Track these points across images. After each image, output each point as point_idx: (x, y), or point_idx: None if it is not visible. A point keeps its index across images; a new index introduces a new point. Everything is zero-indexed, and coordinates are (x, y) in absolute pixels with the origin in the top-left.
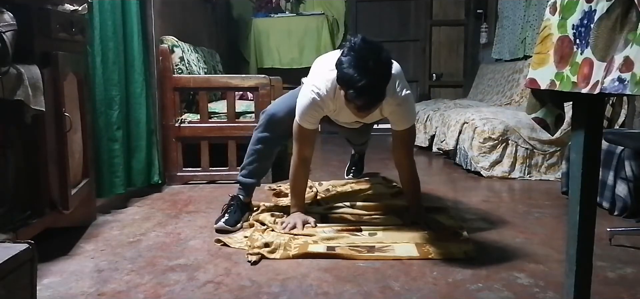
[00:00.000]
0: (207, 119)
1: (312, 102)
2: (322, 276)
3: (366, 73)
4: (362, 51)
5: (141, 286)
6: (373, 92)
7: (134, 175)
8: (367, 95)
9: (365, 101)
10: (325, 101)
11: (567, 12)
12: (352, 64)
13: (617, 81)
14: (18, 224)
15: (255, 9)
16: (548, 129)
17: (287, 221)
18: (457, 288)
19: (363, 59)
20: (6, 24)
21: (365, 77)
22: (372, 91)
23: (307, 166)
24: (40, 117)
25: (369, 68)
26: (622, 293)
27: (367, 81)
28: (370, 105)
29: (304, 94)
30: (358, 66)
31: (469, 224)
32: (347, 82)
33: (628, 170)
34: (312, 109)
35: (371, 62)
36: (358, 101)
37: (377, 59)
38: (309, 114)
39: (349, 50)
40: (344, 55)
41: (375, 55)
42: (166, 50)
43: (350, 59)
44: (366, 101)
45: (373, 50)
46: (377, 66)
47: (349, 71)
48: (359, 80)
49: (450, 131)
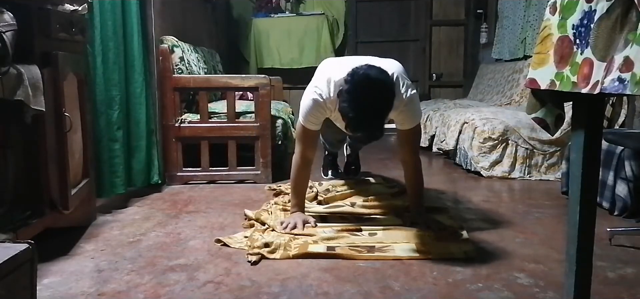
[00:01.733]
0: (207, 119)
1: (315, 103)
2: (322, 276)
3: (366, 110)
4: (364, 87)
5: (141, 286)
6: (372, 128)
7: (134, 175)
8: (365, 130)
9: (364, 135)
10: (327, 103)
11: (567, 12)
12: (353, 99)
13: (617, 81)
14: (18, 224)
15: (255, 9)
16: (548, 129)
17: (287, 221)
18: (457, 288)
19: (365, 96)
20: (6, 24)
21: (364, 114)
22: (370, 127)
23: (309, 166)
24: (40, 117)
25: (369, 104)
26: (622, 293)
27: (366, 121)
28: (369, 138)
29: (307, 96)
30: (358, 101)
31: (469, 224)
32: (347, 115)
33: (628, 170)
34: (315, 109)
35: (372, 100)
36: (357, 133)
37: (377, 94)
38: (312, 115)
39: (352, 82)
40: (346, 91)
41: (376, 90)
42: (166, 50)
43: (351, 94)
44: (365, 135)
45: (374, 84)
46: (377, 102)
47: (350, 105)
48: (359, 118)
49: (450, 131)
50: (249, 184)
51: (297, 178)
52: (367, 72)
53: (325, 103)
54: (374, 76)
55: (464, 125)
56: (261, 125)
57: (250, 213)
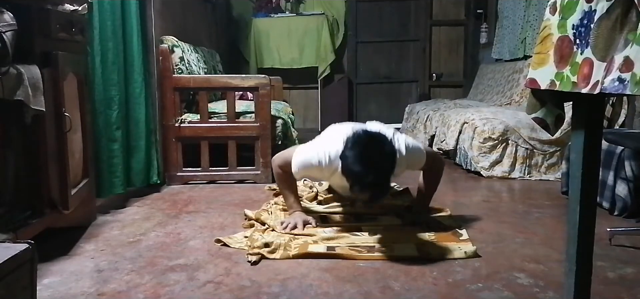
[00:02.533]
0: (207, 119)
1: (316, 165)
2: (322, 276)
3: (371, 169)
4: (366, 146)
5: (141, 286)
6: (378, 188)
7: (133, 175)
8: (372, 190)
9: (371, 196)
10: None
11: (567, 12)
12: (357, 160)
13: (617, 81)
14: (18, 224)
15: (255, 9)
16: (548, 129)
17: (287, 221)
18: (457, 288)
19: (368, 154)
20: (6, 24)
21: (371, 173)
22: (378, 186)
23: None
24: (40, 117)
25: (374, 164)
26: (622, 293)
27: (373, 177)
28: (376, 199)
29: (311, 151)
30: (363, 162)
31: (469, 224)
32: (353, 177)
33: (628, 170)
34: (312, 169)
35: (376, 157)
36: (364, 195)
37: (381, 152)
38: (305, 171)
39: (353, 144)
40: (348, 149)
41: (378, 150)
42: (166, 50)
43: (355, 155)
44: (372, 195)
45: (377, 144)
46: (382, 160)
47: (354, 167)
48: (365, 176)
49: (450, 131)
50: (249, 184)
51: (284, 181)
52: (366, 130)
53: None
54: (374, 133)
55: (464, 125)
56: (261, 125)
57: (250, 213)
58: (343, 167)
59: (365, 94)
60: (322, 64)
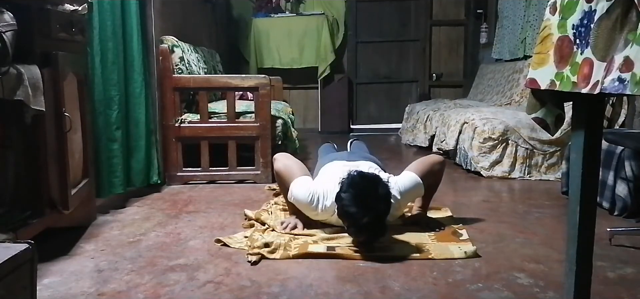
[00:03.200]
0: (207, 119)
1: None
2: (322, 276)
3: (367, 211)
4: (361, 188)
5: (141, 286)
6: (375, 229)
7: (133, 175)
8: (369, 232)
9: (367, 237)
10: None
11: (567, 12)
12: (352, 202)
13: (617, 81)
14: (18, 224)
15: (255, 9)
16: (548, 129)
17: (287, 221)
18: (457, 288)
19: (363, 196)
20: (6, 24)
21: (367, 215)
22: (374, 228)
23: None
24: (40, 117)
25: (370, 206)
26: (622, 293)
27: (369, 219)
28: (372, 240)
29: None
30: (358, 204)
31: (469, 224)
32: (348, 219)
33: (628, 170)
34: (307, 208)
35: (370, 199)
36: (360, 237)
37: (375, 194)
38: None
39: (348, 186)
40: (343, 192)
41: (373, 191)
42: (166, 50)
43: (350, 197)
44: (368, 236)
45: (371, 186)
46: (377, 202)
47: (350, 209)
48: (361, 218)
49: (450, 131)
50: (249, 184)
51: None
52: (361, 172)
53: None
54: (368, 174)
55: (464, 125)
56: (261, 125)
57: (250, 213)
58: (338, 210)
59: (365, 94)
60: (322, 64)
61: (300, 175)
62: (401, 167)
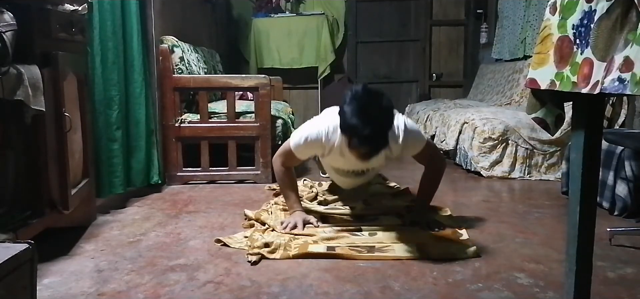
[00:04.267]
0: (207, 119)
1: (316, 137)
2: (322, 276)
3: (369, 122)
4: (364, 100)
5: (141, 286)
6: (376, 140)
7: (134, 175)
8: (370, 143)
9: (368, 149)
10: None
11: (567, 12)
12: (355, 114)
13: (617, 81)
14: (18, 224)
15: (255, 9)
16: (548, 129)
17: (287, 221)
18: (457, 288)
19: (366, 108)
20: (6, 24)
21: (369, 127)
22: (375, 139)
23: (292, 170)
24: (40, 117)
25: (372, 117)
26: (622, 293)
27: (370, 130)
28: (373, 152)
29: (311, 127)
30: (361, 116)
31: (469, 224)
32: (351, 131)
33: (628, 170)
34: (312, 144)
35: (373, 111)
36: (362, 149)
37: (379, 107)
38: (306, 146)
39: (351, 99)
40: (346, 105)
41: (377, 104)
42: (166, 50)
43: (353, 109)
44: (369, 149)
45: (375, 99)
46: (380, 115)
47: (352, 121)
48: (363, 129)
49: (450, 131)
50: (249, 184)
51: (284, 182)
52: (364, 86)
53: (325, 142)
54: (372, 88)
55: (464, 125)
56: (261, 125)
57: (250, 213)
58: (341, 123)
59: None
60: (322, 64)
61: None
62: (401, 166)
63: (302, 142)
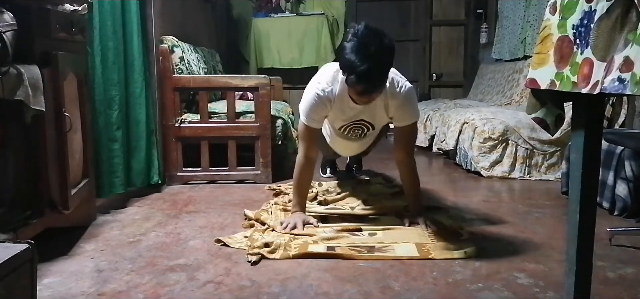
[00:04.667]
0: (207, 119)
1: (317, 97)
2: (322, 276)
3: (367, 58)
4: (365, 37)
5: (141, 286)
6: (374, 77)
7: (134, 175)
8: (367, 80)
9: (365, 86)
10: (327, 96)
11: (567, 12)
12: (354, 50)
13: (617, 81)
14: (18, 224)
15: (255, 9)
16: (548, 129)
17: (287, 221)
18: (457, 288)
19: (365, 45)
20: (6, 24)
21: (366, 62)
22: (372, 76)
23: (313, 166)
24: (40, 117)
25: (371, 54)
26: (622, 293)
27: (368, 65)
28: (370, 90)
29: (309, 91)
30: (360, 52)
31: (469, 224)
32: (349, 67)
33: (628, 170)
34: (317, 105)
35: (373, 48)
36: (358, 86)
37: (379, 44)
38: (314, 111)
39: (353, 36)
40: (347, 41)
41: (377, 41)
42: (166, 50)
43: (352, 45)
44: (367, 86)
45: (375, 36)
46: (379, 52)
47: (350, 56)
48: (360, 65)
49: (450, 131)
50: (249, 184)
51: (300, 178)
52: (365, 24)
53: (326, 97)
54: (373, 26)
55: (464, 125)
56: (261, 125)
57: (250, 213)
58: (340, 61)
59: None
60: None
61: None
62: None
63: (309, 109)
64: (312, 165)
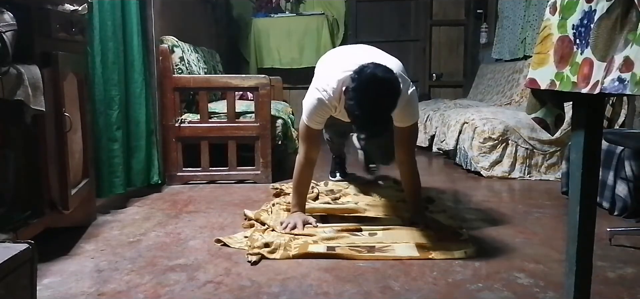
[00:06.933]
0: (207, 119)
1: (320, 102)
2: (322, 276)
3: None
4: (372, 87)
5: (141, 286)
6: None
7: (134, 175)
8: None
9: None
10: (331, 102)
11: (567, 12)
12: (360, 99)
13: (617, 81)
14: (18, 224)
15: (255, 9)
16: (548, 129)
17: (287, 221)
18: (457, 288)
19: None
20: (6, 24)
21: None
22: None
23: (312, 167)
24: (40, 117)
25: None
26: (622, 293)
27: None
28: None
29: (312, 95)
30: (365, 102)
31: (469, 224)
32: (353, 114)
33: (628, 170)
34: (320, 109)
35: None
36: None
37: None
38: (316, 114)
39: (359, 82)
40: (353, 89)
41: (383, 93)
42: (166, 50)
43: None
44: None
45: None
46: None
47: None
48: (366, 116)
49: (450, 131)
50: (249, 184)
51: (300, 178)
52: (374, 71)
53: (329, 103)
54: (381, 75)
55: (464, 125)
56: (261, 125)
57: (250, 213)
58: (347, 104)
59: None
60: None
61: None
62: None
63: (312, 111)
64: (312, 165)
